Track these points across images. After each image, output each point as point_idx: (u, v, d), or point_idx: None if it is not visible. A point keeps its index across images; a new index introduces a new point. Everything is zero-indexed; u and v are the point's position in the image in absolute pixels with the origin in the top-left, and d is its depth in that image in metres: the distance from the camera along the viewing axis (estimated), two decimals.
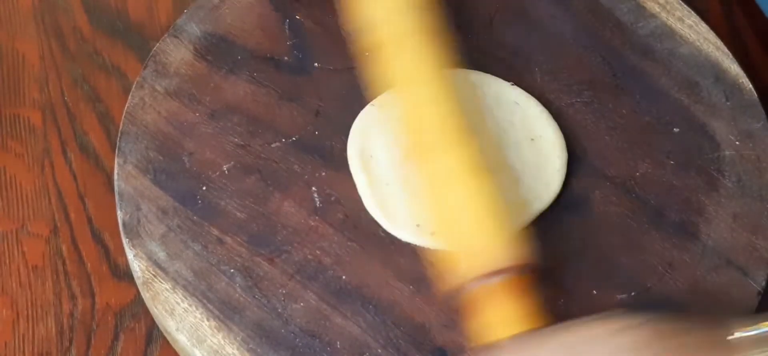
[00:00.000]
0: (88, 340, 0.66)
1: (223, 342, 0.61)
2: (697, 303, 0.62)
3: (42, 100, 0.74)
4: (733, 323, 0.55)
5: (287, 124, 0.68)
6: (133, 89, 0.69)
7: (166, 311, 0.62)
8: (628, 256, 0.64)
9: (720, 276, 0.63)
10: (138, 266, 0.63)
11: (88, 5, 0.78)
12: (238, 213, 0.65)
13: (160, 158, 0.66)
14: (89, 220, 0.70)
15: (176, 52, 0.70)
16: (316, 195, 0.65)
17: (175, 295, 0.62)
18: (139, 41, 0.76)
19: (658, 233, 0.65)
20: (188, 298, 0.62)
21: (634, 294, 0.62)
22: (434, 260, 0.62)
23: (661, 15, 0.73)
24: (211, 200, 0.65)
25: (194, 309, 0.62)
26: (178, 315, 0.62)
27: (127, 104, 0.68)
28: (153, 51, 0.71)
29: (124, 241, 0.64)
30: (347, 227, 0.64)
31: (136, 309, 0.67)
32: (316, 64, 0.70)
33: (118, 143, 0.67)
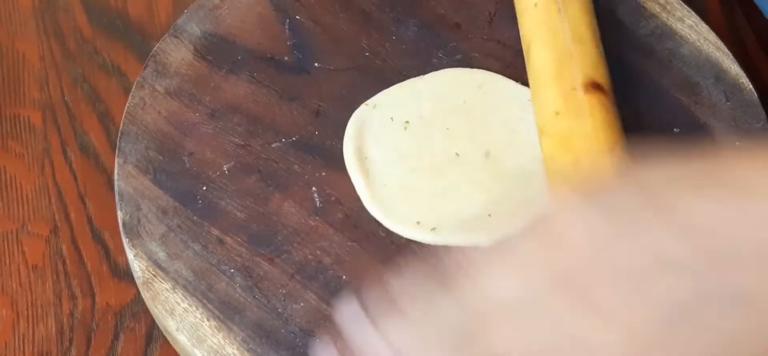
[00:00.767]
0: (88, 340, 0.66)
1: (223, 342, 0.61)
2: None
3: (42, 100, 0.74)
4: None
5: (287, 124, 0.68)
6: (134, 88, 0.69)
7: (166, 311, 0.62)
8: None
9: None
10: (138, 266, 0.63)
11: (88, 5, 0.78)
12: (239, 213, 0.65)
13: (160, 158, 0.66)
14: (89, 220, 0.70)
15: (176, 52, 0.70)
16: (316, 195, 0.65)
17: (175, 295, 0.62)
18: (139, 41, 0.76)
19: None
20: (188, 298, 0.62)
21: None
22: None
23: (662, 15, 0.73)
24: (212, 200, 0.65)
25: (194, 309, 0.62)
26: (178, 315, 0.62)
27: (128, 104, 0.68)
28: (153, 51, 0.70)
29: (124, 241, 0.64)
30: (347, 227, 0.64)
31: (136, 309, 0.67)
32: (317, 64, 0.70)
33: (118, 142, 0.67)
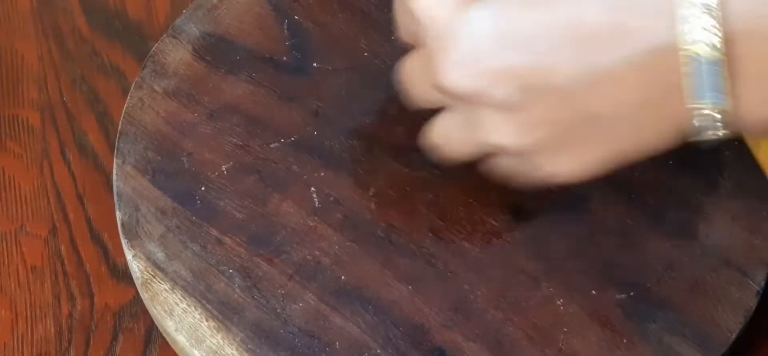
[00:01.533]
0: (87, 341, 0.66)
1: (222, 342, 0.61)
2: (696, 303, 0.62)
3: (41, 100, 0.74)
4: None
5: (286, 124, 0.68)
6: (132, 89, 0.69)
7: (165, 311, 0.62)
8: (627, 256, 0.64)
9: (719, 276, 0.63)
10: (137, 266, 0.63)
11: (87, 6, 0.78)
12: (237, 213, 0.65)
13: (159, 158, 0.66)
14: (88, 220, 0.70)
15: (175, 53, 0.70)
16: (315, 195, 0.65)
17: (174, 295, 0.62)
18: (138, 42, 0.76)
19: (657, 234, 0.65)
20: (187, 298, 0.62)
21: (632, 294, 0.62)
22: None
23: None
24: (210, 200, 0.65)
25: (193, 309, 0.62)
26: (177, 315, 0.62)
27: (126, 105, 0.68)
28: (152, 51, 0.70)
29: (123, 241, 0.64)
30: (346, 227, 0.64)
31: (135, 310, 0.67)
32: (315, 64, 0.70)
33: (116, 143, 0.67)
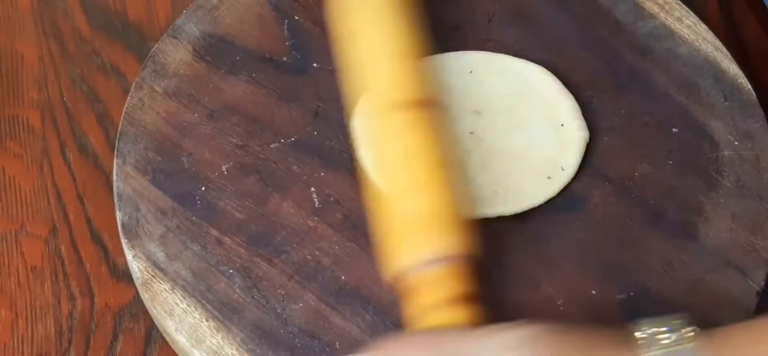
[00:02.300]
0: (87, 341, 0.66)
1: (222, 342, 0.61)
2: (696, 303, 0.62)
3: (41, 100, 0.74)
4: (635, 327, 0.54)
5: (286, 124, 0.68)
6: (132, 89, 0.69)
7: (165, 311, 0.62)
8: (628, 256, 0.64)
9: (719, 276, 0.63)
10: (137, 266, 0.63)
11: (87, 6, 0.78)
12: (237, 214, 0.65)
13: (159, 158, 0.66)
14: (88, 221, 0.70)
15: (175, 53, 0.70)
16: (315, 195, 0.65)
17: (174, 296, 0.62)
18: (138, 42, 0.76)
19: (657, 234, 0.65)
20: (187, 299, 0.62)
21: (632, 294, 0.62)
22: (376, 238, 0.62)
23: (660, 15, 0.73)
24: (210, 200, 0.65)
25: (193, 309, 0.62)
26: (177, 315, 0.62)
27: (126, 105, 0.68)
28: (152, 51, 0.70)
29: (123, 242, 0.64)
30: (346, 227, 0.64)
31: (135, 310, 0.67)
32: (315, 64, 0.70)
33: (117, 143, 0.67)
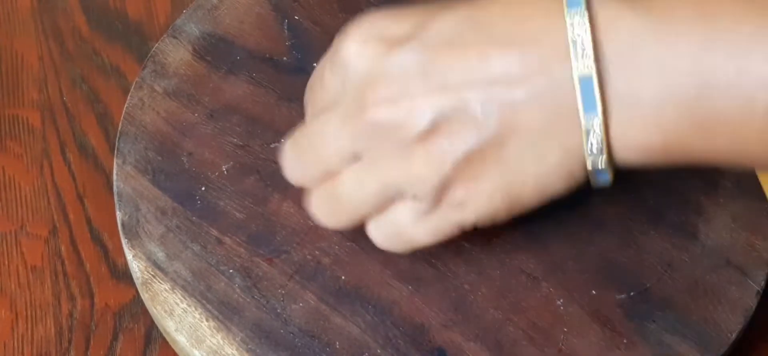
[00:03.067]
0: (87, 341, 0.66)
1: (222, 342, 0.61)
2: (696, 303, 0.62)
3: (41, 100, 0.74)
4: None
5: (286, 124, 0.68)
6: (132, 89, 0.69)
7: (165, 311, 0.62)
8: (627, 256, 0.64)
9: (719, 276, 0.63)
10: (137, 266, 0.63)
11: (87, 6, 0.78)
12: (238, 214, 0.65)
13: (159, 158, 0.66)
14: (88, 221, 0.70)
15: (175, 53, 0.70)
16: None
17: (174, 295, 0.62)
18: (138, 42, 0.76)
19: (657, 233, 0.65)
20: (187, 298, 0.62)
21: (632, 294, 0.62)
22: None
23: None
24: (210, 200, 0.65)
25: (193, 309, 0.62)
26: (177, 315, 0.62)
27: (126, 105, 0.68)
28: (152, 51, 0.71)
29: (123, 241, 0.64)
30: None
31: (135, 310, 0.67)
32: (315, 64, 0.70)
33: (116, 143, 0.67)
